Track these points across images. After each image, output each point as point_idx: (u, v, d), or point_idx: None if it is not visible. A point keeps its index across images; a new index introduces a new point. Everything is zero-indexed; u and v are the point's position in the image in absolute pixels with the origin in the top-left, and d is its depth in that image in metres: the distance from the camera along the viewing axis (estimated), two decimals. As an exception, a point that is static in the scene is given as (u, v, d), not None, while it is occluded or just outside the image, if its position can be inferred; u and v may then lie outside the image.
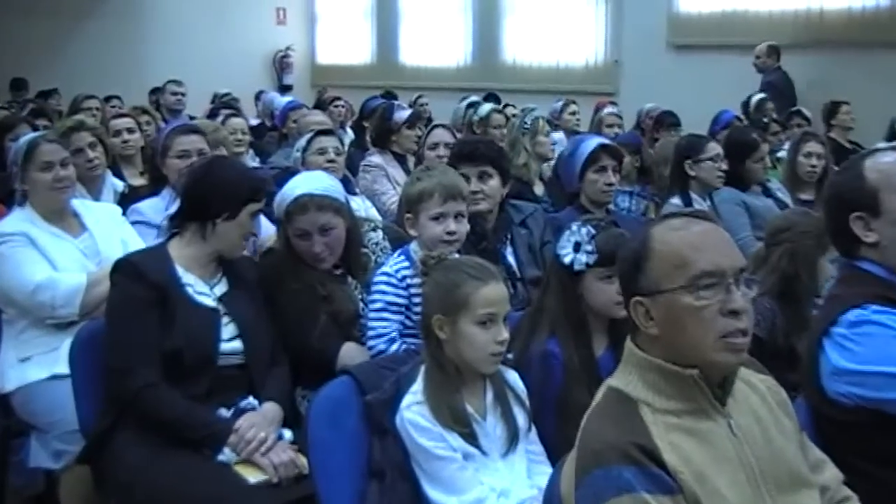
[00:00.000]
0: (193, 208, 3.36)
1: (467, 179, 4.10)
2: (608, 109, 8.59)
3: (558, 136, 6.86)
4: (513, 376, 2.83)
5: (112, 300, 3.27)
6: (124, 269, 3.26)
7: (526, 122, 6.46)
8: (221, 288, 3.36)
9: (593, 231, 2.94)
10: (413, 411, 2.68)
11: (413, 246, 3.42)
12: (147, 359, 3.10)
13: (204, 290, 3.30)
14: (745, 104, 9.40)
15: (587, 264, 2.92)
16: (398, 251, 3.48)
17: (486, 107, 8.00)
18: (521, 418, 2.76)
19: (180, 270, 3.29)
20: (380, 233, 3.80)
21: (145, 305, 3.15)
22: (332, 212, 3.55)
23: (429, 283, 2.82)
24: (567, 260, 2.95)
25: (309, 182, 3.65)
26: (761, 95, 9.49)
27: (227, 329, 3.27)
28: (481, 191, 4.15)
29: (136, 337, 3.12)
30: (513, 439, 2.73)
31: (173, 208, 3.52)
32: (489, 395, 2.75)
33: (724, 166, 5.58)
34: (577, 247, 2.94)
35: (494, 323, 2.69)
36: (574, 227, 2.97)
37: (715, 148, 5.62)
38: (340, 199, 3.63)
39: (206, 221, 3.32)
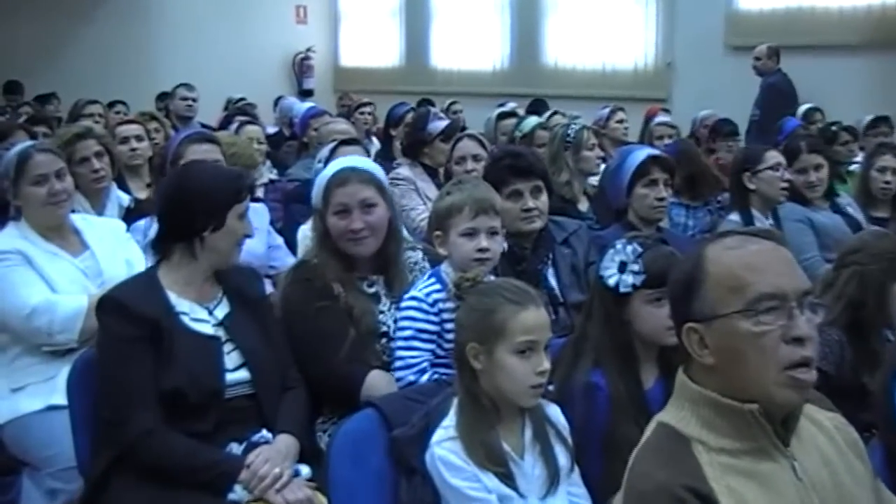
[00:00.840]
0: (175, 227, 3.32)
1: (520, 195, 4.12)
2: (659, 119, 8.56)
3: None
4: (554, 411, 2.81)
5: (99, 342, 3.25)
6: (108, 306, 3.22)
7: (569, 135, 6.31)
8: (223, 310, 3.33)
9: (640, 249, 2.93)
10: (445, 448, 2.67)
11: (444, 267, 3.42)
12: (142, 403, 3.07)
13: (202, 317, 3.28)
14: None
15: (634, 286, 2.91)
16: (428, 273, 3.48)
17: (531, 121, 7.74)
18: (562, 457, 2.74)
19: (173, 297, 3.25)
20: (419, 253, 3.78)
21: (135, 344, 3.11)
22: (375, 188, 3.60)
23: (463, 307, 2.81)
24: (612, 281, 2.94)
25: (350, 160, 3.76)
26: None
27: (231, 357, 3.25)
28: (536, 207, 4.16)
29: (128, 380, 3.09)
30: (553, 480, 2.71)
31: (152, 232, 3.47)
32: (528, 432, 2.74)
33: (788, 176, 5.55)
34: (622, 267, 2.94)
35: (534, 352, 2.67)
36: (619, 246, 2.97)
37: (775, 156, 5.55)
38: (384, 181, 3.70)
39: (193, 238, 3.29)
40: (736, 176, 5.56)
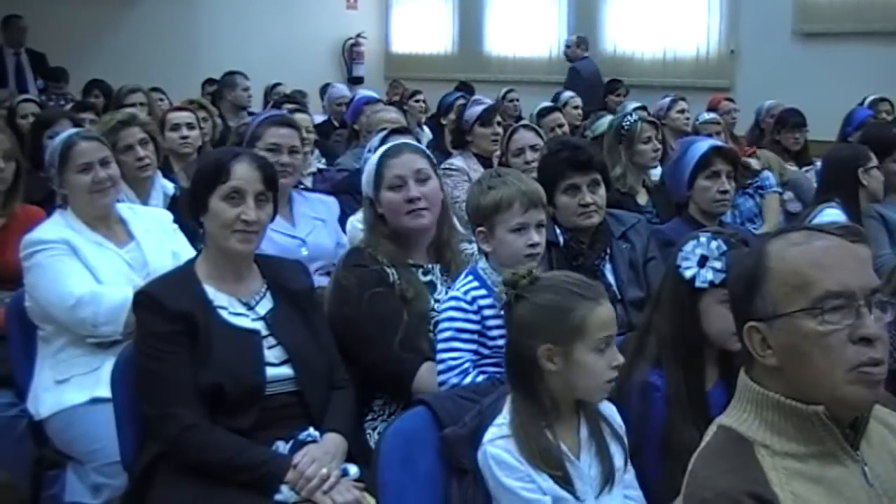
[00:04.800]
0: (195, 217, 3.39)
1: (578, 189, 4.13)
2: (705, 116, 8.41)
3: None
4: (609, 409, 2.80)
5: (136, 338, 3.29)
6: (143, 302, 3.25)
7: (624, 126, 6.26)
8: (266, 305, 3.35)
9: (724, 247, 2.91)
10: (498, 447, 2.65)
11: (482, 264, 3.41)
12: (183, 398, 3.10)
13: (240, 311, 3.30)
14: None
15: (712, 283, 2.90)
16: (465, 271, 3.46)
17: (604, 122, 7.50)
18: (617, 457, 2.73)
19: (210, 291, 3.28)
20: (474, 245, 3.79)
21: (171, 339, 3.15)
22: (428, 162, 3.71)
23: (527, 307, 2.73)
24: (688, 273, 2.92)
25: (400, 140, 3.92)
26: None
27: (273, 353, 3.26)
28: (594, 202, 4.16)
29: (168, 376, 3.12)
30: (608, 479, 2.70)
31: None
32: (583, 430, 2.73)
33: None
34: (702, 261, 2.92)
35: (609, 346, 2.66)
36: (703, 239, 2.95)
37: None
38: (434, 160, 3.81)
39: (201, 228, 3.35)
40: (847, 171, 5.49)
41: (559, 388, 2.68)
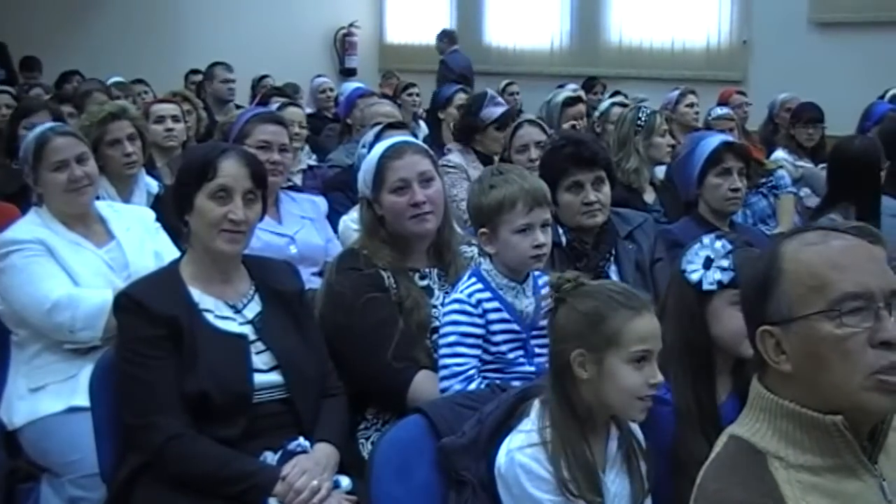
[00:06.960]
0: (177, 213, 3.38)
1: (581, 187, 4.13)
2: (719, 111, 8.42)
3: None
4: (639, 433, 2.77)
5: (117, 343, 3.28)
6: (124, 305, 3.25)
7: (640, 118, 6.26)
8: (254, 308, 3.35)
9: (730, 245, 2.92)
10: (527, 455, 2.62)
11: (485, 265, 3.40)
12: (167, 406, 3.09)
13: (227, 314, 3.29)
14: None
15: (720, 283, 2.90)
16: (468, 273, 3.46)
17: (607, 101, 7.77)
18: (646, 478, 2.71)
19: (196, 294, 3.28)
20: (475, 248, 3.79)
21: (155, 344, 3.14)
22: (431, 162, 3.68)
23: (565, 312, 2.72)
24: (695, 277, 2.93)
25: (399, 138, 3.86)
26: None
27: (262, 358, 3.26)
28: (598, 200, 4.16)
29: (151, 383, 3.11)
30: (636, 499, 2.68)
31: None
32: (612, 445, 2.71)
33: None
34: (707, 263, 2.92)
35: (647, 362, 2.63)
36: (706, 241, 2.96)
37: None
38: (436, 158, 3.78)
39: (186, 227, 3.34)
40: (870, 170, 5.45)
41: (592, 398, 2.66)
